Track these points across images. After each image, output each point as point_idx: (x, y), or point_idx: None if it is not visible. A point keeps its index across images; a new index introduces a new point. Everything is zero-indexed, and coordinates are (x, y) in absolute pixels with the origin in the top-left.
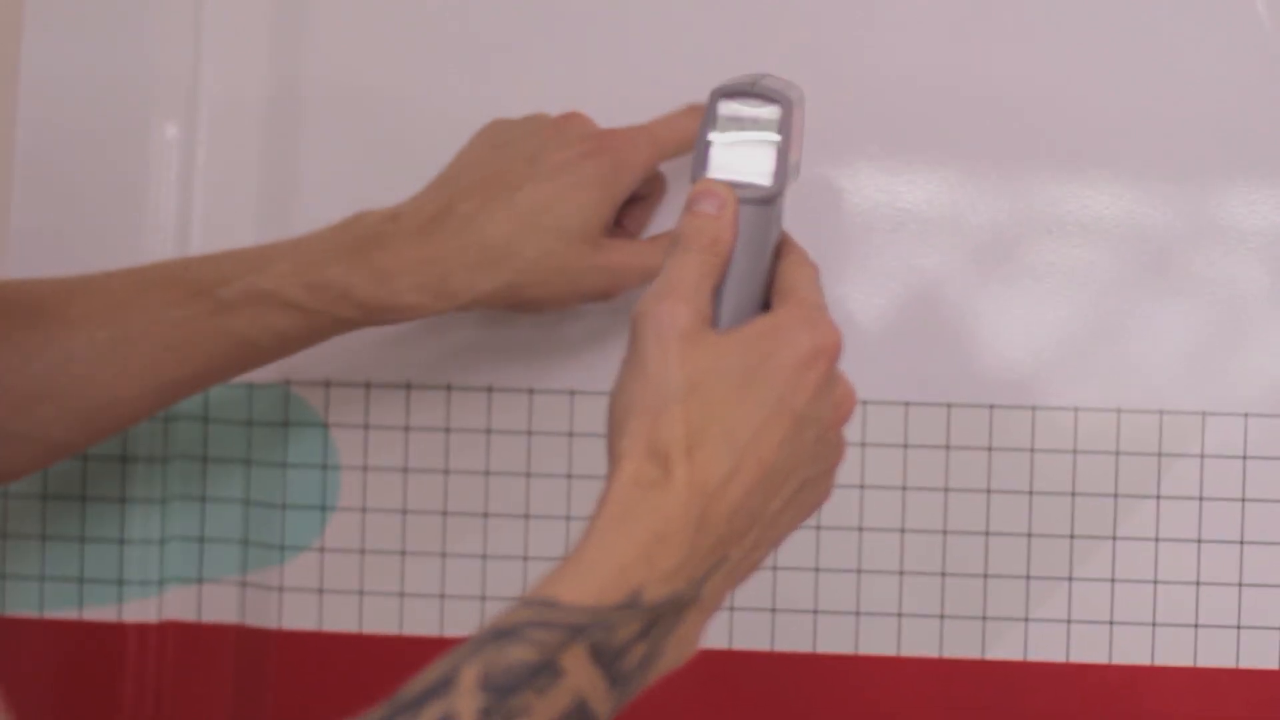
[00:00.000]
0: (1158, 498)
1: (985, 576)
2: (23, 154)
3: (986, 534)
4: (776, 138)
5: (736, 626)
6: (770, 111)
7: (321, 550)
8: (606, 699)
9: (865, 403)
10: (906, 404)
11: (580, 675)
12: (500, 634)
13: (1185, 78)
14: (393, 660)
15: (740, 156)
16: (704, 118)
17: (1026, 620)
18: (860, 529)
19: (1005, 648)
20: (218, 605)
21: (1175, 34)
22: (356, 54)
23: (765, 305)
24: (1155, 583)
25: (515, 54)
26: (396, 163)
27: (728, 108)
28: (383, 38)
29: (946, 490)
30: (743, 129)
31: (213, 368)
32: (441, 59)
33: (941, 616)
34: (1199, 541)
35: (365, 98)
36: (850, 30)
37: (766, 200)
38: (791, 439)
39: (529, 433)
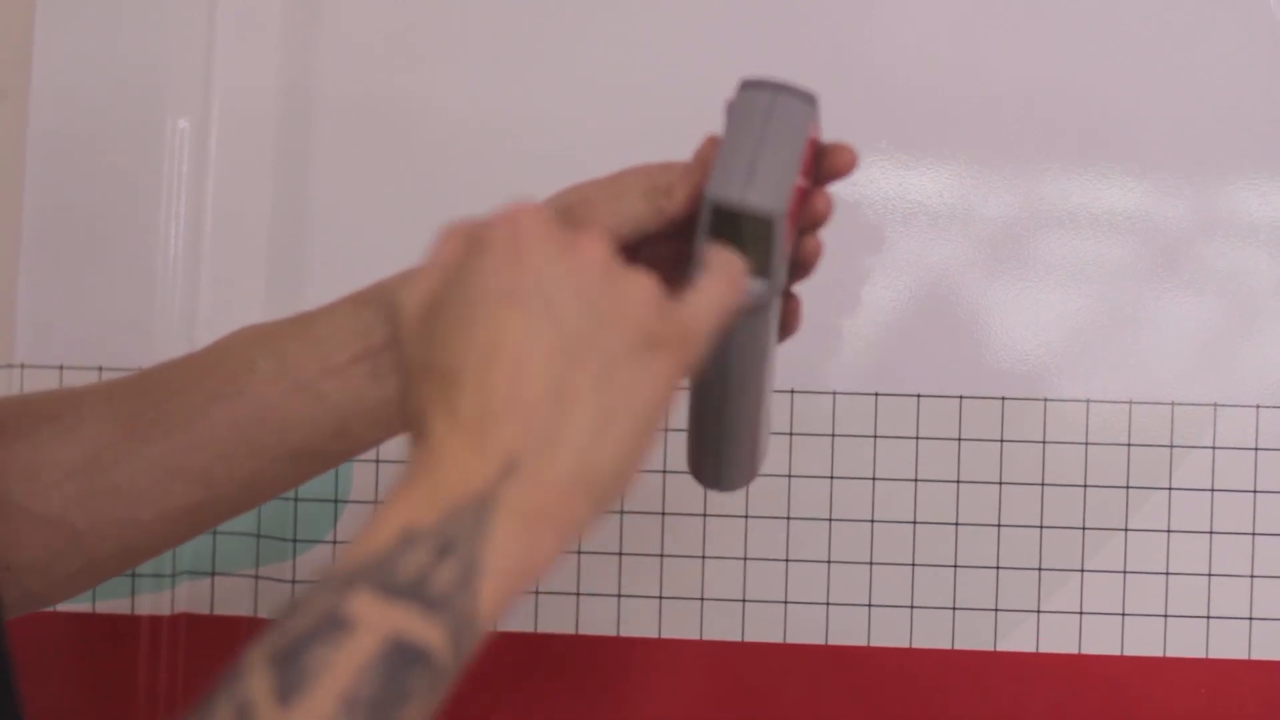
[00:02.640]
0: (1169, 489)
1: (997, 568)
2: (35, 146)
3: (998, 526)
4: (772, 248)
5: (749, 619)
6: (763, 223)
7: (334, 543)
8: (432, 627)
9: (877, 395)
10: (918, 396)
11: (375, 615)
12: (280, 615)
13: (1196, 71)
14: None
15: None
16: (699, 222)
17: (1038, 612)
18: (872, 521)
19: (1017, 639)
20: (231, 598)
21: (1186, 27)
22: (369, 48)
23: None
24: (1167, 574)
25: (522, 48)
26: (409, 157)
27: (721, 213)
28: (394, 33)
29: (958, 483)
30: (737, 238)
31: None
32: (452, 53)
33: (953, 609)
34: (1210, 533)
35: (377, 92)
36: (860, 24)
37: (761, 307)
38: (494, 313)
39: None
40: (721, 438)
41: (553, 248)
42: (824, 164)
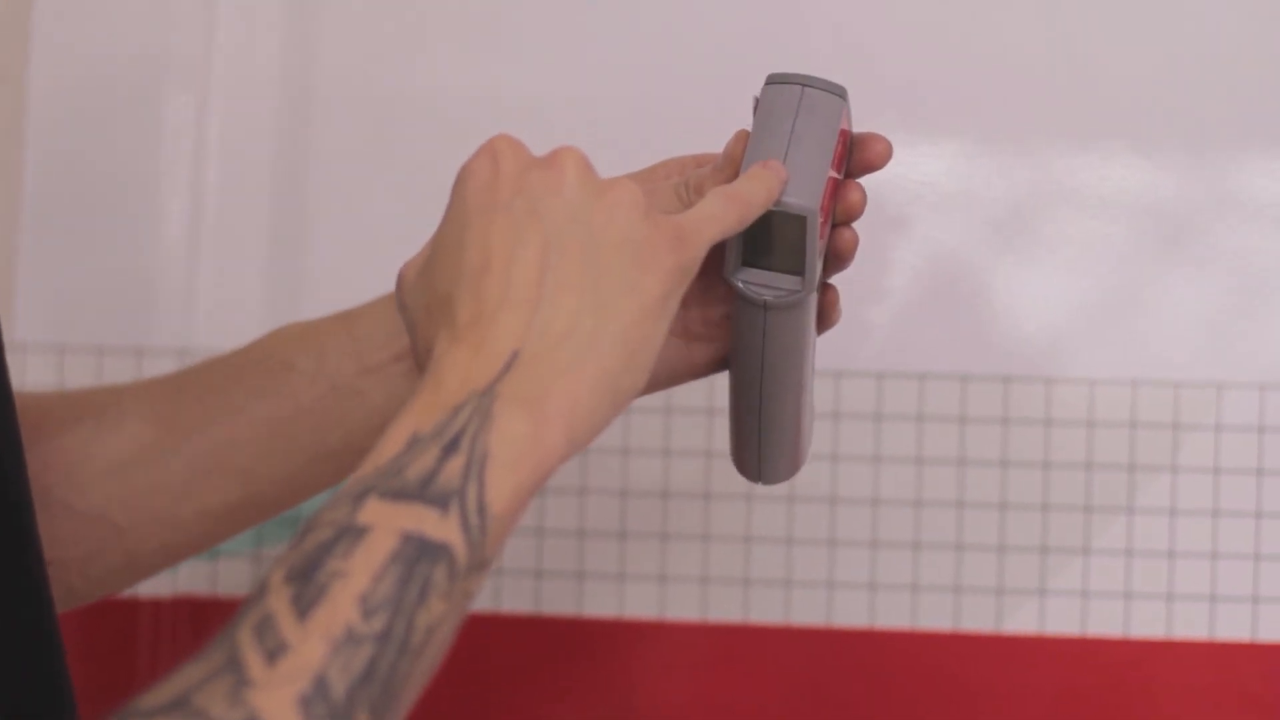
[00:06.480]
0: (1173, 470)
1: (1000, 549)
2: (34, 127)
3: (1002, 507)
4: (806, 245)
5: (752, 601)
6: (797, 221)
7: None
8: (444, 520)
9: (881, 375)
10: (921, 376)
11: (387, 518)
12: (295, 537)
13: (1202, 47)
14: None
15: (771, 266)
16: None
17: (1042, 593)
18: (875, 501)
19: (1021, 621)
20: (232, 579)
21: (1194, 4)
22: (371, 27)
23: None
24: (1171, 555)
25: (529, 34)
26: (410, 137)
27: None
28: (397, 12)
29: (961, 463)
30: (770, 234)
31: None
32: (456, 33)
33: (956, 589)
34: (1215, 514)
35: (380, 72)
36: (864, 2)
37: (796, 303)
38: (476, 220)
39: None
40: (763, 432)
41: (530, 162)
42: (856, 156)
